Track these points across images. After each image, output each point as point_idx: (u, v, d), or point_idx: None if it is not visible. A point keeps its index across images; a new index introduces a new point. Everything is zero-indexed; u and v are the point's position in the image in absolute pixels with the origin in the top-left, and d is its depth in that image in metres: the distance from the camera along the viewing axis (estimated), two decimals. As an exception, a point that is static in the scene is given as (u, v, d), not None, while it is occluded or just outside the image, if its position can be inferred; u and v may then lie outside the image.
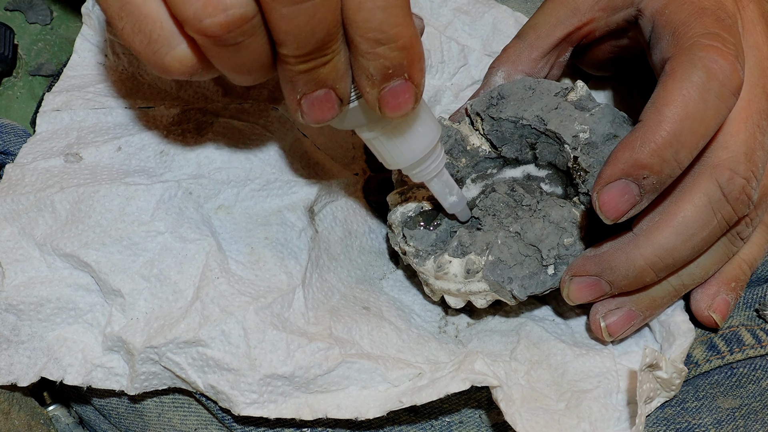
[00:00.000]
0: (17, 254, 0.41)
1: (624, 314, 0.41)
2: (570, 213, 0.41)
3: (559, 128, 0.42)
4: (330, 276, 0.45)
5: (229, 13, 0.28)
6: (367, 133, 0.37)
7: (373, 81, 0.32)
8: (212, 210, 0.43)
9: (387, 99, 0.33)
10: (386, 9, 0.30)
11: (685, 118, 0.35)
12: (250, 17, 0.29)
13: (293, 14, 0.29)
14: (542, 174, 0.44)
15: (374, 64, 0.32)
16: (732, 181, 0.37)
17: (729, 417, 0.42)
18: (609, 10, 0.44)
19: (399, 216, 0.43)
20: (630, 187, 0.36)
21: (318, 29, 0.30)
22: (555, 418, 0.39)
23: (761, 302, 0.44)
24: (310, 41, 0.30)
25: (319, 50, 0.31)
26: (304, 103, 0.33)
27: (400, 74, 0.32)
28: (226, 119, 0.46)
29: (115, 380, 0.41)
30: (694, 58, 0.36)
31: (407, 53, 0.32)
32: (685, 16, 0.38)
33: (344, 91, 0.33)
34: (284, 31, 0.29)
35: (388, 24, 0.30)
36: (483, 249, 0.41)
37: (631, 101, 0.51)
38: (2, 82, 0.62)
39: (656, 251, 0.38)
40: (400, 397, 0.39)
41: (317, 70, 0.31)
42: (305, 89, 0.32)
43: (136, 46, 0.31)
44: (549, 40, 0.46)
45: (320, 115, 0.33)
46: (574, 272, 0.40)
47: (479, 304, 0.43)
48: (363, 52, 0.31)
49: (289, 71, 0.31)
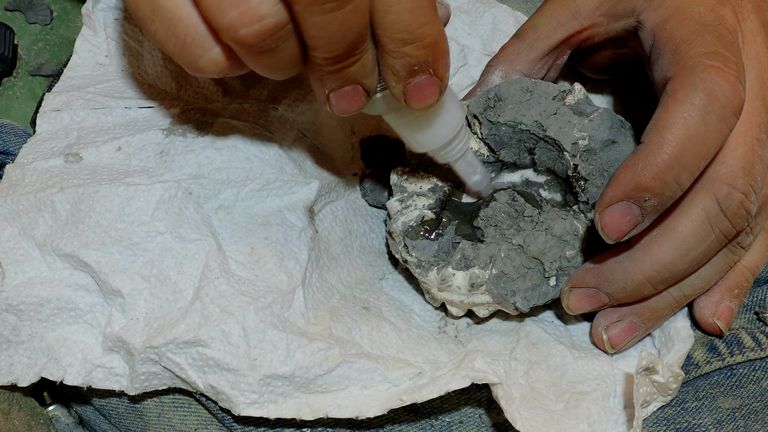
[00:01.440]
0: (17, 254, 0.41)
1: (626, 326, 0.41)
2: (572, 225, 0.42)
3: (558, 135, 0.42)
4: (330, 276, 0.45)
5: (264, 23, 0.29)
6: (395, 120, 0.38)
7: (399, 76, 0.33)
8: (212, 210, 0.43)
9: (412, 92, 0.34)
10: (413, 11, 0.31)
11: (686, 141, 0.35)
12: (283, 25, 0.30)
13: (325, 23, 0.30)
14: (541, 180, 0.44)
15: (400, 62, 0.33)
16: (730, 196, 0.37)
17: (729, 417, 0.42)
18: (609, 17, 0.43)
19: (400, 225, 0.44)
20: (632, 208, 0.37)
21: (348, 35, 0.31)
22: (554, 418, 0.39)
23: (761, 305, 0.45)
24: (340, 46, 0.31)
25: (348, 53, 0.32)
26: (332, 96, 0.34)
27: (425, 70, 0.33)
28: (226, 119, 0.46)
29: (115, 380, 0.41)
30: (696, 79, 0.36)
31: (432, 50, 0.33)
32: (686, 32, 0.38)
33: (371, 85, 0.34)
34: (315, 37, 0.30)
35: (415, 24, 0.31)
36: (486, 262, 0.42)
37: (629, 103, 0.51)
38: (2, 82, 0.62)
39: (654, 266, 0.39)
40: (400, 395, 0.39)
41: (346, 69, 0.32)
42: (334, 85, 0.33)
43: (169, 48, 0.32)
44: (548, 42, 0.46)
45: (348, 107, 0.34)
46: (574, 284, 0.41)
47: (481, 314, 0.44)
48: (390, 50, 0.32)
49: (319, 71, 0.33)
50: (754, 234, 0.41)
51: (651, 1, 0.40)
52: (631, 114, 0.50)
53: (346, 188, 0.49)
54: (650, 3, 0.40)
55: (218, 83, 0.48)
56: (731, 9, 0.39)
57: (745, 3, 0.40)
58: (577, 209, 0.43)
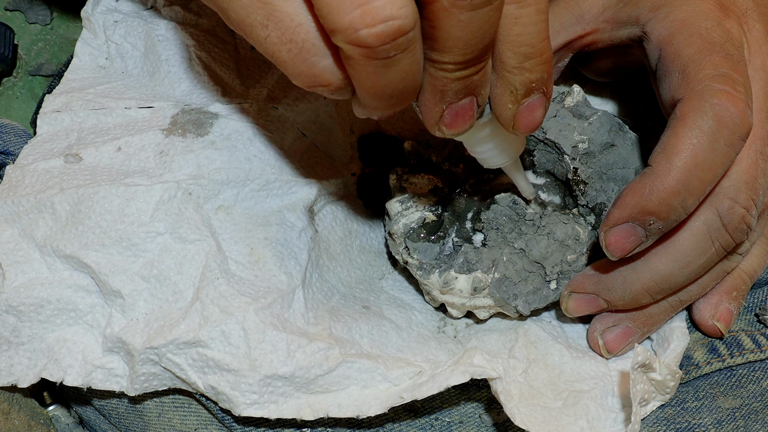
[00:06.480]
0: (18, 256, 0.41)
1: (621, 331, 0.42)
2: (573, 230, 0.42)
3: (558, 138, 0.42)
4: (330, 276, 0.45)
5: (389, 24, 0.27)
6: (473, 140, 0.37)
7: (516, 96, 0.32)
8: (212, 210, 0.43)
9: (523, 114, 0.33)
10: (538, 23, 0.30)
11: (694, 167, 0.36)
12: (408, 29, 0.28)
13: (470, 19, 0.28)
14: (540, 182, 0.44)
15: (520, 79, 0.32)
16: (732, 210, 0.38)
17: (729, 417, 0.42)
18: (613, 23, 0.43)
19: (401, 227, 0.44)
20: (636, 230, 0.37)
21: (486, 35, 0.29)
22: (552, 415, 0.40)
23: (761, 306, 0.45)
24: (477, 48, 0.29)
25: (481, 56, 0.30)
26: (447, 113, 0.32)
27: (540, 88, 0.32)
28: (226, 119, 0.46)
29: (115, 381, 0.41)
30: (705, 105, 0.36)
31: (548, 67, 0.32)
32: (694, 51, 0.38)
33: (484, 99, 0.33)
34: (456, 37, 0.28)
35: (538, 37, 0.30)
36: (489, 266, 0.42)
37: (629, 105, 0.51)
38: (2, 82, 0.62)
39: (653, 277, 0.39)
40: (401, 393, 0.39)
41: (472, 77, 0.31)
42: (454, 98, 0.31)
43: (282, 56, 0.30)
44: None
45: (461, 123, 0.33)
46: (573, 288, 0.42)
47: (482, 316, 0.44)
48: (511, 66, 0.31)
49: (443, 79, 0.31)
50: (751, 241, 0.42)
51: (656, 12, 0.40)
52: (630, 116, 0.50)
53: (346, 188, 0.49)
54: (656, 14, 0.40)
55: (218, 83, 0.48)
56: (736, 20, 0.39)
57: (750, 12, 0.40)
58: (576, 212, 0.43)
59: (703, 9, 0.39)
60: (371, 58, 0.28)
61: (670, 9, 0.39)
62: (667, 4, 0.40)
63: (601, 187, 0.42)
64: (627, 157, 0.42)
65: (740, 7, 0.40)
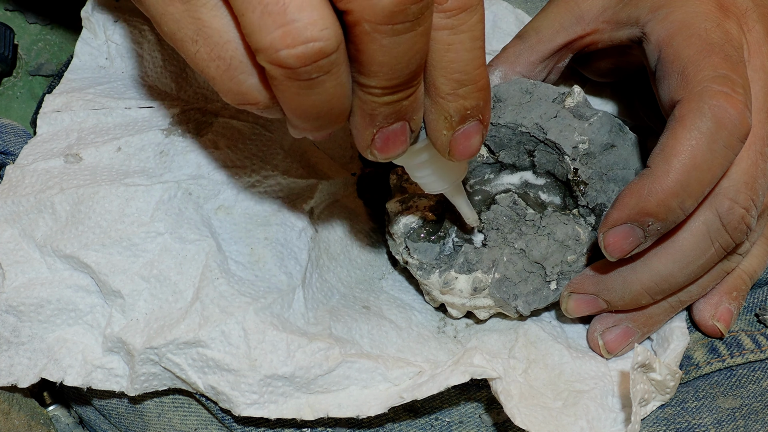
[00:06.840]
0: (18, 256, 0.42)
1: (621, 331, 0.42)
2: (574, 231, 0.42)
3: (558, 138, 0.42)
4: (330, 276, 0.45)
5: (310, 46, 0.27)
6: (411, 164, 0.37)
7: (451, 122, 0.32)
8: (212, 210, 0.43)
9: (459, 141, 0.33)
10: (472, 50, 0.30)
11: (692, 169, 0.36)
12: (330, 51, 0.27)
13: (394, 45, 0.27)
14: (540, 182, 0.44)
15: (455, 105, 0.31)
16: (732, 211, 0.38)
17: (729, 417, 0.42)
18: (613, 24, 0.43)
19: (402, 227, 0.44)
20: (635, 231, 0.37)
21: (413, 60, 0.28)
22: (552, 415, 0.40)
23: (761, 307, 0.45)
24: (404, 73, 0.29)
25: (409, 81, 0.29)
26: (378, 137, 0.32)
27: (475, 115, 0.32)
28: (225, 119, 0.46)
29: (115, 381, 0.41)
30: (704, 106, 0.36)
31: (484, 94, 0.32)
32: (693, 52, 0.38)
33: (417, 124, 0.32)
34: (380, 62, 0.28)
35: (473, 65, 0.30)
36: (489, 267, 0.42)
37: (629, 105, 0.51)
38: (2, 82, 0.62)
39: (653, 278, 0.39)
40: (401, 393, 0.39)
41: (401, 102, 0.30)
42: (384, 122, 0.31)
43: (211, 72, 0.30)
44: (550, 45, 0.45)
45: (393, 148, 0.32)
46: (573, 289, 0.42)
47: (482, 316, 0.44)
48: (445, 93, 0.31)
49: (372, 104, 0.30)
50: (751, 241, 0.42)
51: (656, 13, 0.40)
52: (630, 116, 0.50)
53: (346, 188, 0.49)
54: (655, 15, 0.40)
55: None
56: (736, 21, 0.39)
57: (750, 12, 0.40)
58: (576, 213, 0.43)
59: (703, 10, 0.39)
60: (293, 79, 0.28)
61: (670, 10, 0.39)
62: (666, 5, 0.40)
63: (602, 188, 0.42)
64: (627, 157, 0.42)
65: (740, 8, 0.40)
